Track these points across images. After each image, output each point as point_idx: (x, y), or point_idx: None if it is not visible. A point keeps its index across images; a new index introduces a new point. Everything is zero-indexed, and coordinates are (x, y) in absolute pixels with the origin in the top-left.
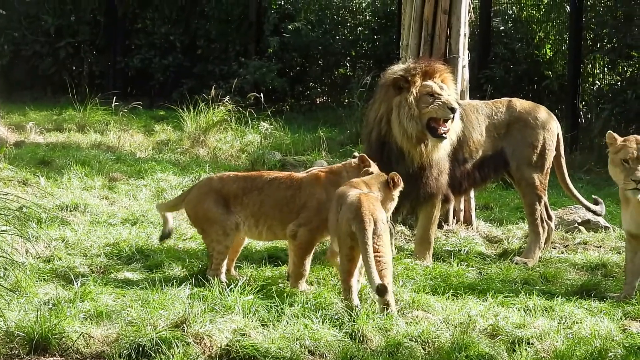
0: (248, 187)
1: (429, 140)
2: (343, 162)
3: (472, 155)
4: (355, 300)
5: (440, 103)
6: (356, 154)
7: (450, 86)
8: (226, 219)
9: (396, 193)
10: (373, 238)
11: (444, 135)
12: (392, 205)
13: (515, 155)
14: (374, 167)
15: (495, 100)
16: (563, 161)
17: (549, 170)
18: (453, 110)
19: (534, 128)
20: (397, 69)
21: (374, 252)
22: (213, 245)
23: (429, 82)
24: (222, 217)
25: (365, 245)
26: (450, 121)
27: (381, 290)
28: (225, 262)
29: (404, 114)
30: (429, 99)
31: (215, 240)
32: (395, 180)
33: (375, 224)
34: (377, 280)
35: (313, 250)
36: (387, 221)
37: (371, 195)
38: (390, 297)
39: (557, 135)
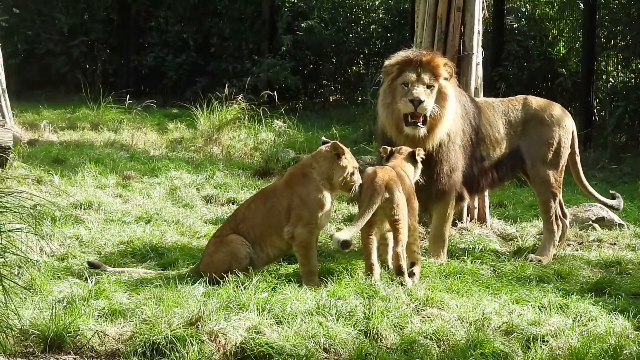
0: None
1: (405, 129)
2: (313, 153)
3: (489, 153)
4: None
5: (404, 97)
6: (324, 138)
7: (449, 79)
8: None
9: (419, 159)
10: (392, 208)
11: (417, 124)
12: (419, 169)
13: (530, 153)
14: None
15: (511, 97)
16: (578, 158)
17: (564, 168)
18: (414, 102)
19: (549, 126)
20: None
21: (393, 222)
22: None
23: (409, 73)
24: None
25: (368, 205)
26: (425, 114)
27: (343, 244)
28: None
29: (382, 101)
30: (403, 90)
31: None
32: (417, 151)
33: (390, 193)
34: (343, 237)
35: (316, 245)
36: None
37: (388, 169)
38: (403, 264)
39: (572, 132)
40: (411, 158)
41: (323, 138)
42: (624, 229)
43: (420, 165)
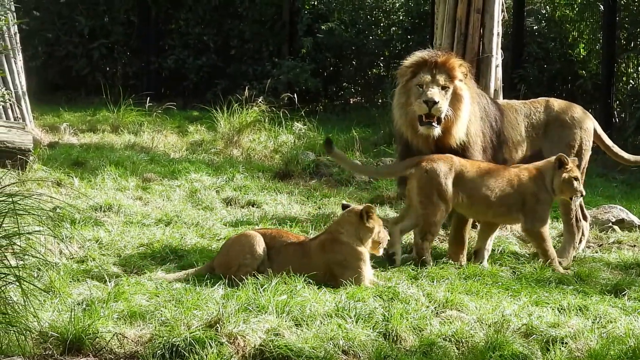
0: None
1: (419, 129)
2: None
3: (511, 155)
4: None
5: (419, 98)
6: (344, 202)
7: (466, 80)
8: None
9: (566, 173)
10: None
11: (432, 123)
12: (559, 181)
13: (552, 155)
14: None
15: (533, 100)
16: (607, 141)
17: (585, 170)
18: (428, 103)
19: (570, 128)
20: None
21: None
22: None
23: (423, 74)
24: None
25: None
26: (439, 115)
27: None
28: None
29: (396, 102)
30: (418, 91)
31: None
32: (562, 160)
33: None
34: None
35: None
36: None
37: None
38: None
39: (595, 130)
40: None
41: (343, 202)
42: None
43: (565, 177)
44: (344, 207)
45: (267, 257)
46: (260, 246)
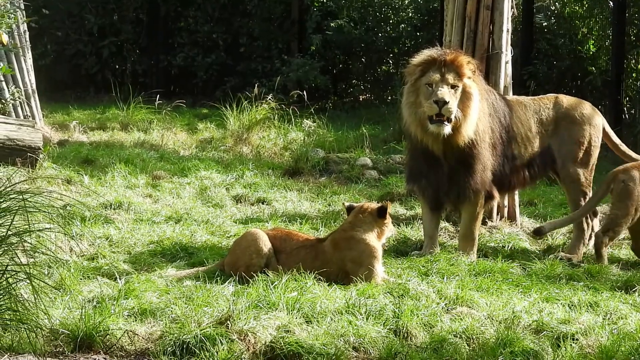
0: None
1: (430, 128)
2: (350, 219)
3: (520, 152)
4: None
5: (429, 98)
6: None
7: (475, 77)
8: None
9: None
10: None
11: (442, 122)
12: None
13: (561, 152)
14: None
15: (542, 96)
16: (615, 139)
17: (594, 167)
18: (439, 103)
19: (580, 124)
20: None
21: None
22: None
23: (433, 73)
24: None
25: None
26: (450, 116)
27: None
28: None
29: (405, 101)
30: (427, 90)
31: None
32: None
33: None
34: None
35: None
36: None
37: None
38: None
39: (603, 128)
40: None
41: (346, 203)
42: None
43: None
44: (349, 208)
45: (277, 259)
46: (265, 244)
